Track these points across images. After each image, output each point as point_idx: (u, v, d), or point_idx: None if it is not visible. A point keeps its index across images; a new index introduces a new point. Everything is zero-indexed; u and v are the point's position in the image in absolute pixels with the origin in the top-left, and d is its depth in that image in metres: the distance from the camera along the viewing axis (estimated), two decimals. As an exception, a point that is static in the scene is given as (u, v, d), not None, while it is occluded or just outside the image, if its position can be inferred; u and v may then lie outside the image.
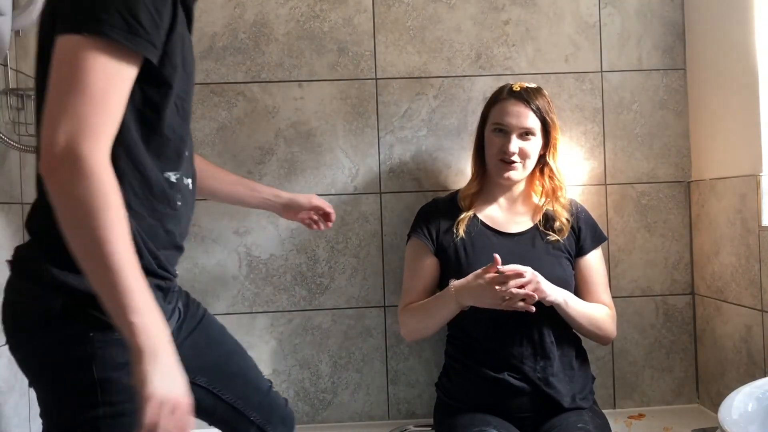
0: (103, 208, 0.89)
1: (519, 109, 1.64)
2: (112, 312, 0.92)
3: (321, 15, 1.95)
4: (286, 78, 1.94)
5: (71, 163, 0.87)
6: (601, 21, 1.99)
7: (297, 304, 1.95)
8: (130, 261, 0.91)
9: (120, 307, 0.90)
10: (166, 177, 1.08)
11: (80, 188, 0.88)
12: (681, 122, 2.01)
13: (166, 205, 1.08)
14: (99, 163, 0.89)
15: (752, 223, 1.71)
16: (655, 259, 2.00)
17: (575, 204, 1.77)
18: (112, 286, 0.90)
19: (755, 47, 1.68)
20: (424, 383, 1.96)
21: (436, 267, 1.72)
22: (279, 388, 1.95)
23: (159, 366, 0.91)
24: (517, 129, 1.64)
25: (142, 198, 1.04)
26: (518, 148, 1.64)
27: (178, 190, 1.11)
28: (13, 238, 1.63)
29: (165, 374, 0.91)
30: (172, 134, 1.07)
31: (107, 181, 0.90)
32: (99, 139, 0.90)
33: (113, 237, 0.89)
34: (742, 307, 1.76)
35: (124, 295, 0.90)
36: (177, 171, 1.10)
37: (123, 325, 0.91)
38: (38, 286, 1.03)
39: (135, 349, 0.91)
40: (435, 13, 1.96)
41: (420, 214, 1.78)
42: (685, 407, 2.00)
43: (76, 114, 0.88)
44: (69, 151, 0.87)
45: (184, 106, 1.08)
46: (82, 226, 0.90)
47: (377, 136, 1.96)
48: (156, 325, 0.93)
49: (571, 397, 1.61)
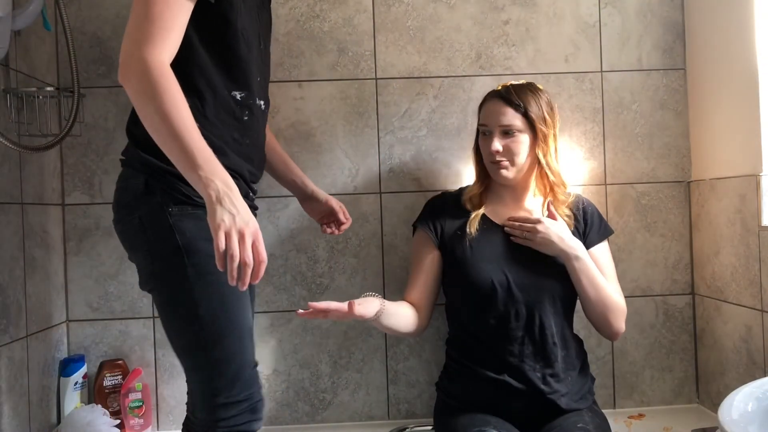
0: (162, 91, 1.13)
1: (497, 107, 1.64)
2: (183, 172, 1.15)
3: (321, 15, 1.95)
4: (286, 78, 1.94)
5: (135, 63, 1.14)
6: (601, 21, 1.99)
7: (297, 304, 1.95)
8: (189, 128, 1.14)
9: (187, 166, 1.13)
10: (233, 95, 1.32)
11: (144, 81, 1.13)
12: (681, 122, 2.01)
13: (232, 117, 1.32)
14: (157, 61, 1.14)
15: (752, 223, 1.71)
16: (655, 259, 2.00)
17: (581, 199, 1.76)
18: (179, 150, 1.13)
19: (755, 47, 1.68)
20: (424, 383, 1.96)
21: (438, 261, 1.71)
22: (279, 388, 1.95)
23: (223, 207, 1.11)
24: (496, 127, 1.63)
25: (212, 109, 1.30)
26: (501, 147, 1.63)
27: (246, 107, 1.35)
28: (13, 238, 1.63)
29: (228, 211, 1.11)
30: (237, 60, 1.31)
31: (164, 72, 1.14)
32: (156, 45, 1.15)
33: (174, 111, 1.13)
34: (742, 307, 1.77)
35: (189, 154, 1.13)
36: (243, 91, 1.34)
37: (193, 181, 1.14)
38: (130, 168, 1.33)
39: (205, 198, 1.13)
40: (435, 13, 1.96)
41: (428, 206, 1.78)
42: (685, 407, 2.00)
43: (139, 30, 1.16)
44: (133, 55, 1.15)
45: (248, 36, 1.32)
46: (149, 108, 1.14)
47: (377, 136, 1.96)
48: (217, 176, 1.13)
49: (570, 397, 1.61)
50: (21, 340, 1.64)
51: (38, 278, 1.75)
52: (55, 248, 1.87)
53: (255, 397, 1.33)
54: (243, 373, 1.31)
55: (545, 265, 1.63)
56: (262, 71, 1.41)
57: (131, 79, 1.15)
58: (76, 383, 1.85)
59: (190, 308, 1.26)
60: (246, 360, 1.32)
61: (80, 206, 1.92)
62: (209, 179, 1.12)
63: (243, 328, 1.31)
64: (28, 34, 1.72)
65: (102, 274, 1.92)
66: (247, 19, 1.32)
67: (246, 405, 1.30)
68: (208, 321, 1.26)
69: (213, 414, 1.30)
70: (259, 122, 1.41)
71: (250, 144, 1.38)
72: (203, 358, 1.29)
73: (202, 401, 1.32)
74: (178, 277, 1.26)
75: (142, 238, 1.30)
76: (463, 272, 1.64)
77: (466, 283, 1.64)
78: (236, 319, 1.29)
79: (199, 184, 1.13)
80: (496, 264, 1.63)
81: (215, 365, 1.28)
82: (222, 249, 1.10)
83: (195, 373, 1.32)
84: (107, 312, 1.92)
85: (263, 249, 1.14)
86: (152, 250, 1.29)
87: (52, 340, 1.83)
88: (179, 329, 1.31)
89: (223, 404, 1.29)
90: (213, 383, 1.29)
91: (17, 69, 1.67)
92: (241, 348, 1.30)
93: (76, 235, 1.91)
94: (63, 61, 1.88)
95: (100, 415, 1.79)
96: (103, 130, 1.91)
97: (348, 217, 1.76)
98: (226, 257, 1.10)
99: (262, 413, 1.35)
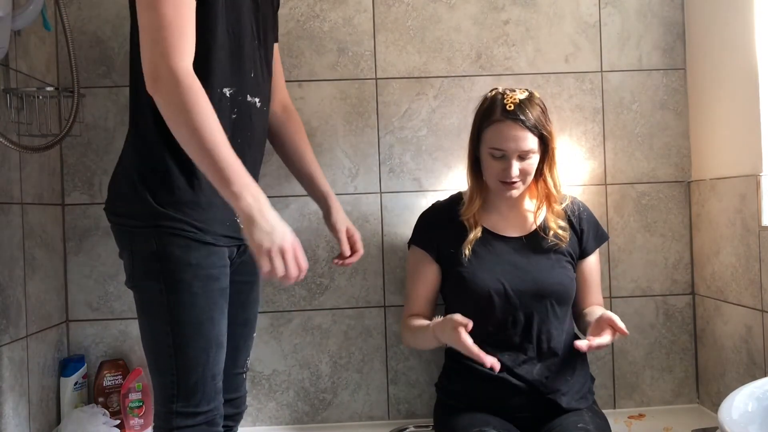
0: (192, 104, 1.15)
1: (516, 132, 1.56)
2: (217, 187, 1.17)
3: (321, 15, 1.95)
4: (286, 78, 1.92)
5: (164, 75, 1.15)
6: (601, 21, 1.99)
7: (297, 304, 1.95)
8: (219, 142, 1.15)
9: (217, 181, 1.16)
10: (223, 92, 1.30)
11: (174, 93, 1.15)
12: (681, 122, 2.01)
13: (219, 114, 1.24)
14: (185, 71, 1.16)
15: (752, 223, 1.71)
16: (655, 259, 2.00)
17: (576, 203, 1.74)
18: (208, 165, 1.15)
19: (755, 47, 1.68)
20: (424, 383, 1.96)
21: (437, 274, 1.72)
22: (279, 388, 1.95)
23: (258, 224, 1.15)
24: (515, 153, 1.58)
25: None
26: (519, 171, 1.60)
27: (234, 104, 1.32)
28: (13, 238, 1.63)
29: (264, 229, 1.15)
30: (226, 55, 1.29)
31: (193, 84, 1.16)
32: (180, 54, 1.17)
33: (204, 125, 1.15)
34: (742, 307, 1.76)
35: (219, 170, 1.15)
36: (233, 87, 1.31)
37: (225, 196, 1.16)
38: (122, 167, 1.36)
39: (239, 214, 1.16)
40: (435, 13, 1.96)
41: (420, 222, 1.77)
42: (685, 407, 2.00)
43: (159, 40, 1.16)
44: (160, 66, 1.16)
45: (236, 31, 1.30)
46: (179, 119, 1.16)
47: (377, 136, 1.96)
48: (248, 190, 1.15)
49: (571, 396, 1.61)
50: (21, 340, 1.64)
51: (38, 278, 1.75)
52: (55, 248, 1.87)
53: (214, 412, 1.32)
54: (204, 385, 1.29)
55: (542, 272, 1.63)
56: (256, 68, 1.37)
57: (161, 90, 1.17)
58: (76, 383, 1.85)
59: (161, 313, 1.28)
60: (209, 372, 1.30)
61: (80, 206, 1.92)
62: (240, 195, 1.15)
63: (210, 340, 1.30)
64: (28, 34, 1.72)
65: (102, 274, 1.91)
66: (234, 16, 1.31)
67: (202, 418, 1.30)
68: (175, 327, 1.27)
69: (168, 422, 1.29)
70: (253, 120, 1.38)
71: (242, 143, 1.34)
72: (165, 364, 1.29)
73: (159, 406, 1.31)
74: (152, 281, 1.28)
75: (127, 238, 1.31)
76: (461, 282, 1.64)
77: (463, 293, 1.65)
78: (204, 330, 1.29)
79: (231, 199, 1.16)
80: (493, 272, 1.63)
81: (177, 372, 1.28)
82: (266, 271, 1.16)
83: (156, 376, 1.32)
84: (107, 312, 1.92)
85: (303, 257, 1.19)
86: (134, 251, 1.31)
87: (52, 340, 1.83)
88: (148, 331, 1.32)
89: (179, 412, 1.28)
90: (171, 390, 1.29)
91: (17, 69, 1.67)
92: (205, 359, 1.29)
93: (76, 235, 1.91)
94: (63, 61, 1.88)
95: (100, 415, 1.80)
96: (103, 130, 1.91)
97: (357, 250, 1.63)
98: (273, 275, 1.16)
99: (220, 426, 1.34)
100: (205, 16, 1.26)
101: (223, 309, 1.32)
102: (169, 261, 1.25)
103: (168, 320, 1.27)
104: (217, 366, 1.32)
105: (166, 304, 1.27)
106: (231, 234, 1.33)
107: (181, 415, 1.28)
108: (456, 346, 1.49)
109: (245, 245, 1.39)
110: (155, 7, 1.17)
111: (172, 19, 1.17)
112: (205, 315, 1.28)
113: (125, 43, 1.87)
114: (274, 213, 1.18)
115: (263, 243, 1.15)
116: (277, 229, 1.16)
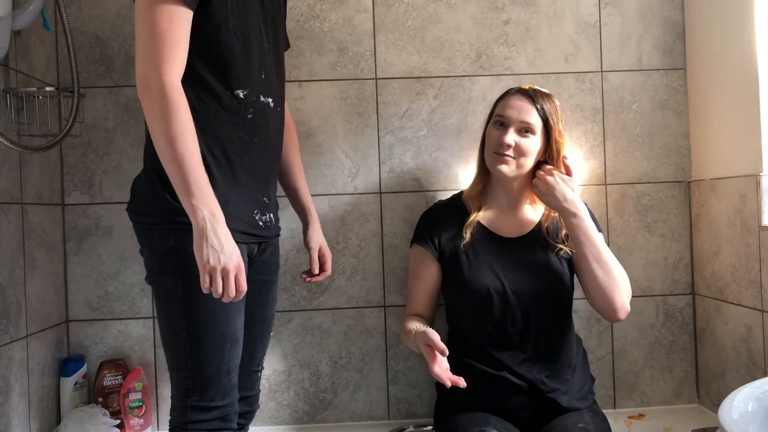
0: (172, 115, 1.19)
1: (522, 104, 1.63)
2: (178, 194, 1.21)
3: (321, 15, 1.95)
4: (286, 78, 1.93)
5: (152, 84, 1.20)
6: (601, 21, 1.99)
7: (297, 304, 1.95)
8: (191, 155, 1.20)
9: (181, 190, 1.20)
10: (235, 93, 1.33)
11: (156, 104, 1.20)
12: (681, 122, 2.01)
13: (235, 116, 1.33)
14: (170, 84, 1.20)
15: (752, 223, 1.71)
16: (655, 259, 2.00)
17: None
18: (176, 174, 1.20)
19: (755, 47, 1.68)
20: (424, 383, 1.96)
21: (438, 273, 1.72)
22: (279, 388, 1.95)
23: (209, 240, 1.19)
24: (516, 122, 1.62)
25: (215, 111, 1.32)
26: (514, 142, 1.61)
27: (249, 104, 1.35)
28: (13, 238, 1.63)
29: (214, 246, 1.19)
30: (235, 59, 1.32)
31: (178, 98, 1.20)
32: (168, 65, 1.21)
33: (180, 136, 1.19)
34: (742, 307, 1.77)
35: (184, 180, 1.19)
36: (246, 89, 1.34)
37: (184, 206, 1.21)
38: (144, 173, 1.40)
39: (193, 225, 1.20)
40: (435, 13, 1.96)
41: (422, 221, 1.78)
42: (685, 407, 2.00)
43: (150, 51, 1.21)
44: (149, 76, 1.20)
45: (243, 34, 1.33)
46: (158, 127, 1.21)
47: (377, 136, 1.96)
48: (206, 205, 1.20)
49: (571, 395, 1.61)
50: (21, 340, 1.64)
51: (38, 278, 1.75)
52: (55, 248, 1.87)
53: (229, 407, 1.34)
54: (219, 380, 1.33)
55: (541, 271, 1.63)
56: (266, 68, 1.39)
57: (147, 98, 1.22)
58: (76, 383, 1.85)
59: (178, 308, 1.31)
60: (224, 368, 1.33)
61: (80, 206, 1.92)
62: (198, 207, 1.19)
63: (225, 335, 1.32)
64: (28, 34, 1.72)
65: (102, 274, 1.92)
66: (241, 19, 1.33)
67: (216, 413, 1.32)
68: (191, 323, 1.31)
69: (184, 415, 1.33)
70: (269, 120, 1.40)
71: (258, 142, 1.37)
72: (182, 358, 1.32)
73: (175, 400, 1.35)
74: (171, 277, 1.31)
75: (147, 235, 1.35)
76: (461, 281, 1.65)
77: (463, 292, 1.65)
78: (218, 325, 1.31)
79: (189, 210, 1.20)
80: (492, 272, 1.63)
81: (192, 366, 1.31)
82: (207, 287, 1.20)
83: (173, 372, 1.35)
84: (107, 312, 1.92)
85: (244, 281, 1.23)
86: (153, 248, 1.34)
87: (52, 340, 1.83)
88: (167, 326, 1.35)
89: (193, 406, 1.32)
90: (187, 384, 1.32)
91: (17, 69, 1.67)
92: (220, 354, 1.32)
93: (76, 235, 1.91)
94: (63, 61, 1.88)
95: (100, 415, 1.80)
96: (103, 130, 1.91)
97: (326, 270, 1.68)
98: (213, 292, 1.21)
99: (234, 423, 1.36)
100: (210, 22, 1.29)
101: (239, 305, 1.34)
102: (185, 256, 1.26)
103: (183, 315, 1.30)
104: (232, 361, 1.34)
105: (182, 299, 1.30)
106: (249, 231, 1.36)
107: (195, 409, 1.32)
108: (427, 359, 1.48)
109: (266, 243, 1.45)
110: (150, 19, 1.22)
111: (165, 32, 1.21)
112: (220, 310, 1.30)
113: (125, 43, 1.87)
114: (227, 232, 1.22)
115: (210, 260, 1.19)
116: (226, 248, 1.20)
